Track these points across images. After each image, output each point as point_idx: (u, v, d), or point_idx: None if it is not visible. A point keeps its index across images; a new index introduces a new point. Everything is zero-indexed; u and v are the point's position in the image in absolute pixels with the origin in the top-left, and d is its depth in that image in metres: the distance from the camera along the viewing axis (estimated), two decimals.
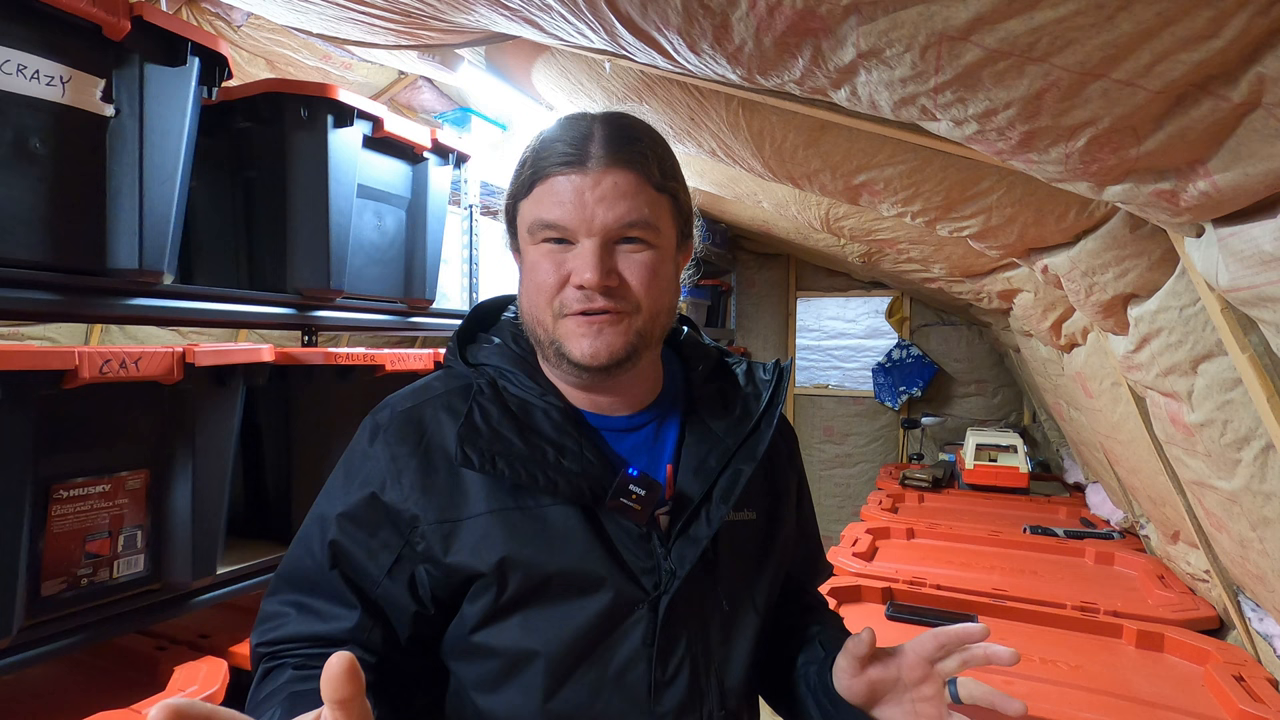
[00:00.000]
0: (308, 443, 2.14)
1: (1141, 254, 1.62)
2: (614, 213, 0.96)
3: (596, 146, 0.97)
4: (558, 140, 0.99)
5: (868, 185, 2.14)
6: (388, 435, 1.02)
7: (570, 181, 0.96)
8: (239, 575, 1.95)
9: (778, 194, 3.23)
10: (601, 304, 0.96)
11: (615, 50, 1.44)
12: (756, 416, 1.11)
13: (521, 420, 1.01)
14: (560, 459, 0.98)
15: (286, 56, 3.02)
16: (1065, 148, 1.05)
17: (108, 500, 1.62)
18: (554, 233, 0.98)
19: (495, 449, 0.96)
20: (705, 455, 1.06)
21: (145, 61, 1.65)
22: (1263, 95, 0.83)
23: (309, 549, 1.01)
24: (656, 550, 0.99)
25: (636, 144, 1.00)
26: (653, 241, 1.00)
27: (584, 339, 0.97)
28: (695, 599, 1.01)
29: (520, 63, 2.47)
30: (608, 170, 0.96)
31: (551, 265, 0.98)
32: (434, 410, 1.04)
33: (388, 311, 2.53)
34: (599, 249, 0.96)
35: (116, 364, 1.54)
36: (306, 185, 2.15)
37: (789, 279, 6.05)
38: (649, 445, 1.08)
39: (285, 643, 0.98)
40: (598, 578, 0.96)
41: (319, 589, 0.99)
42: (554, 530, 0.97)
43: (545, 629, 0.96)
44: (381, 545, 0.98)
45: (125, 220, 1.65)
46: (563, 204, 0.96)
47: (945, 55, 0.94)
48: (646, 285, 0.99)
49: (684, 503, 1.02)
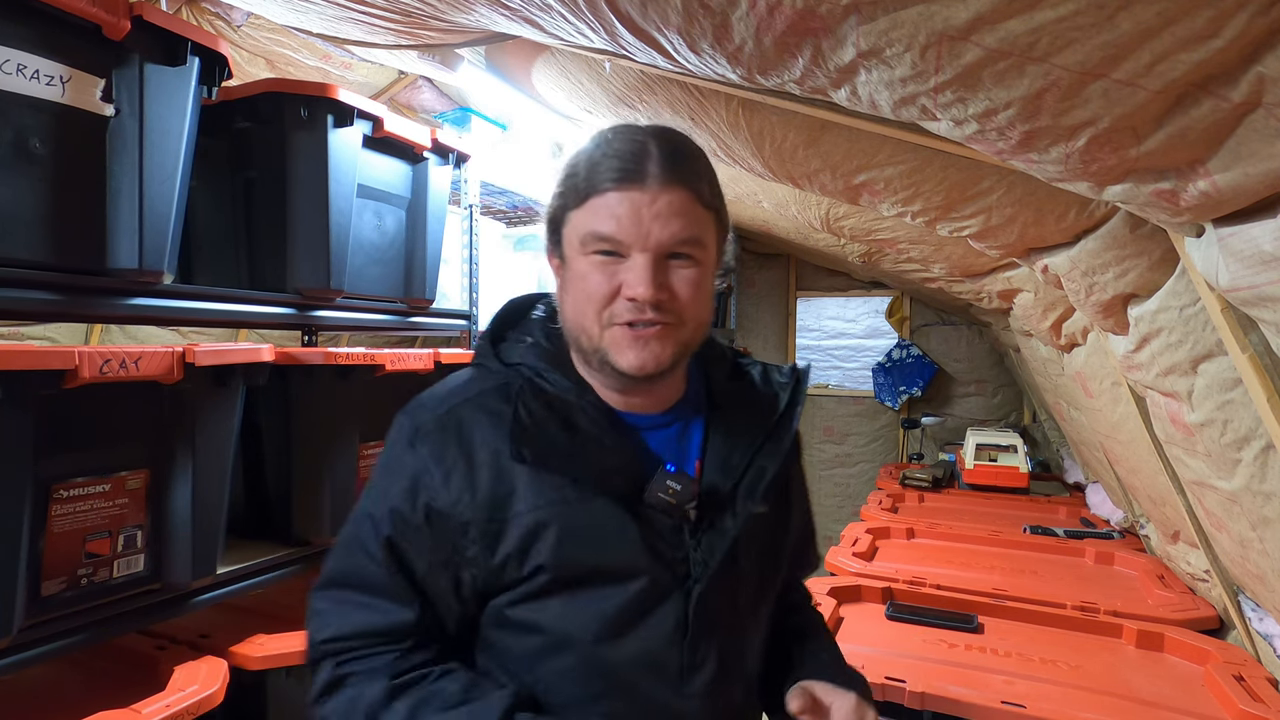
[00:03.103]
0: (308, 442, 2.13)
1: (1141, 254, 1.62)
2: (669, 230, 0.99)
3: (654, 165, 0.99)
4: (614, 155, 1.01)
5: (868, 185, 2.14)
6: (430, 438, 1.04)
7: (628, 197, 0.99)
8: (239, 575, 1.96)
9: (778, 194, 3.22)
10: (651, 316, 0.99)
11: (615, 50, 1.44)
12: (777, 417, 1.15)
13: (563, 418, 1.04)
14: (602, 455, 1.03)
15: (286, 56, 3.01)
16: (1065, 147, 1.05)
17: (108, 500, 1.62)
18: (608, 245, 1.00)
19: (548, 446, 1.01)
20: (730, 453, 1.10)
21: (145, 61, 1.66)
22: (1263, 95, 0.83)
23: (362, 547, 1.04)
24: (687, 542, 1.03)
25: (691, 163, 1.04)
26: (700, 258, 1.03)
27: (630, 350, 1.01)
28: (724, 588, 1.05)
29: (520, 62, 2.46)
30: (665, 188, 0.99)
31: (603, 277, 1.00)
32: (472, 410, 1.06)
33: (388, 311, 2.54)
34: (653, 264, 0.99)
35: (116, 364, 1.54)
36: (306, 185, 2.14)
37: (789, 279, 6.04)
38: (676, 442, 1.12)
39: (348, 639, 1.01)
40: (636, 567, 1.00)
41: (375, 586, 1.03)
42: (598, 523, 1.01)
43: (585, 612, 1.00)
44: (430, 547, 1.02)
45: (125, 220, 1.65)
46: (619, 218, 0.99)
47: (945, 55, 0.94)
48: (693, 300, 1.02)
49: (712, 498, 1.06)
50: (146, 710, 1.58)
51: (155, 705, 1.59)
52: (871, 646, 2.09)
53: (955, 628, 2.21)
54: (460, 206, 3.00)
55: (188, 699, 1.64)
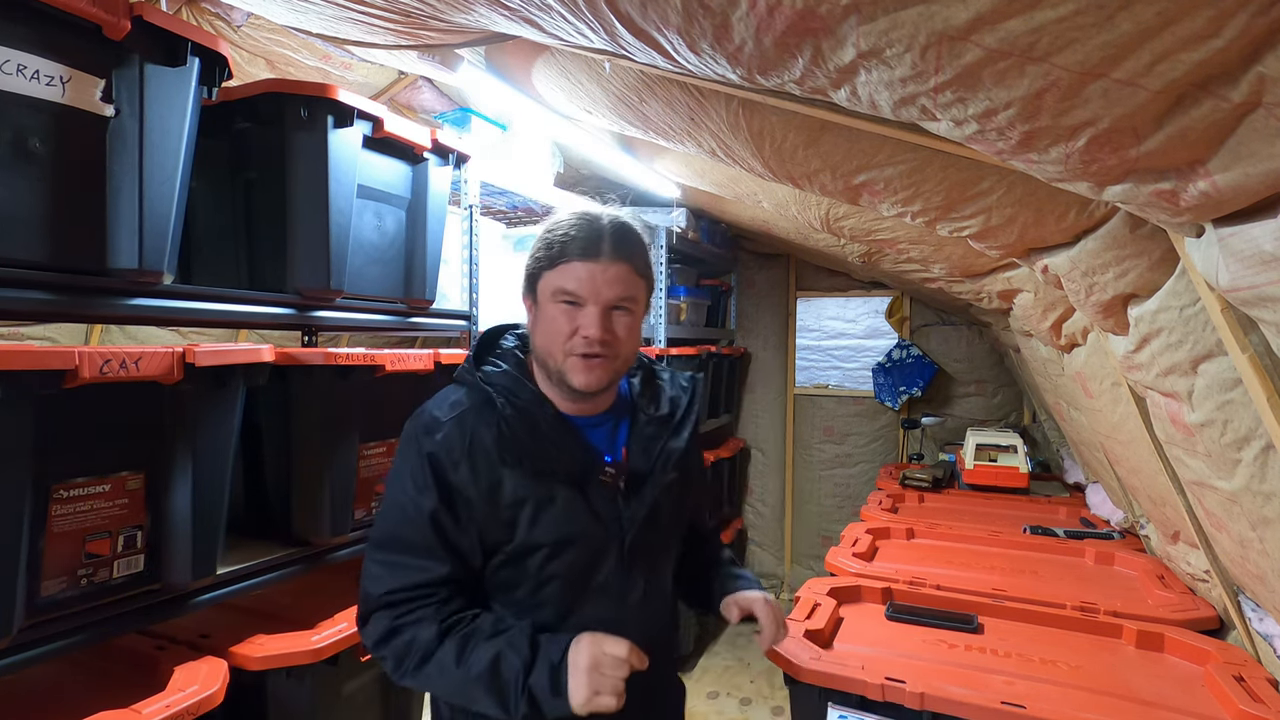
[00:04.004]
0: (308, 443, 2.14)
1: (1141, 254, 1.62)
2: (614, 291, 1.42)
3: (607, 245, 1.42)
4: (580, 236, 1.43)
5: (868, 185, 2.14)
6: (448, 439, 1.42)
7: (587, 267, 1.41)
8: (239, 575, 1.96)
9: (778, 194, 3.23)
10: (598, 350, 1.41)
11: (615, 50, 1.45)
12: (681, 413, 1.63)
13: (531, 427, 1.44)
14: (559, 454, 1.45)
15: (286, 56, 3.01)
16: (1065, 148, 1.05)
17: (108, 500, 1.63)
18: (571, 297, 1.42)
19: (522, 451, 1.42)
20: (647, 442, 1.56)
21: (145, 61, 1.66)
22: (1263, 95, 0.83)
23: (405, 518, 1.42)
24: (620, 507, 1.49)
25: (632, 245, 1.47)
26: (634, 310, 1.47)
27: (582, 374, 1.43)
28: (646, 536, 1.52)
29: (520, 63, 2.46)
30: (613, 262, 1.42)
31: (566, 320, 1.42)
32: (471, 418, 1.45)
33: (387, 312, 2.53)
34: (601, 314, 1.42)
35: (117, 364, 1.54)
36: (306, 185, 2.14)
37: (789, 279, 6.04)
38: (610, 436, 1.56)
39: (400, 591, 1.39)
40: (586, 528, 1.45)
41: (418, 547, 1.41)
42: (562, 503, 1.43)
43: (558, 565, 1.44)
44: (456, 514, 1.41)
45: (125, 220, 1.65)
46: (580, 280, 1.41)
47: (945, 55, 0.94)
48: (627, 339, 1.47)
49: (635, 475, 1.52)
50: (146, 710, 1.59)
51: (155, 705, 1.61)
52: (871, 647, 2.10)
53: (955, 628, 2.21)
54: (460, 207, 2.99)
55: (188, 699, 1.65)
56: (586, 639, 1.32)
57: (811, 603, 2.29)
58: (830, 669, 1.91)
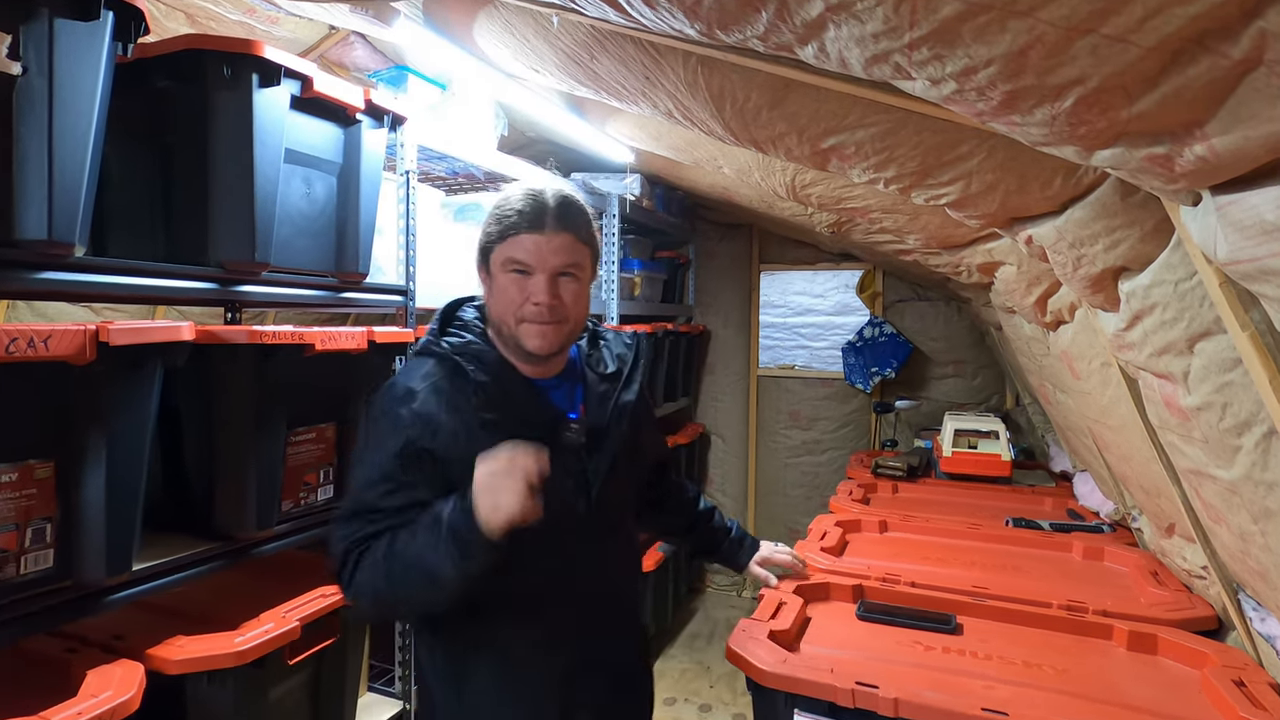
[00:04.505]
0: (231, 428, 2.17)
1: (1133, 224, 1.63)
2: (559, 259, 1.68)
3: (550, 218, 1.67)
4: (527, 210, 1.67)
5: (837, 149, 2.14)
6: (423, 405, 1.65)
7: (533, 238, 1.66)
8: (156, 572, 1.99)
9: (740, 159, 3.22)
10: (548, 316, 1.67)
11: (563, 3, 1.43)
12: (628, 369, 1.91)
13: (502, 389, 1.70)
14: (527, 414, 1.71)
15: (207, 10, 2.93)
16: (1051, 109, 1.05)
17: (14, 491, 1.65)
18: (520, 266, 1.67)
19: (498, 412, 1.66)
20: (601, 399, 1.83)
21: (55, 15, 1.64)
22: (1264, 52, 0.83)
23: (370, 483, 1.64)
24: (585, 459, 1.75)
25: (575, 215, 1.72)
26: (580, 276, 1.73)
27: (535, 338, 1.68)
28: (609, 484, 1.78)
29: (461, 17, 2.43)
30: (557, 233, 1.67)
31: (517, 289, 1.68)
32: (442, 383, 1.68)
33: (317, 286, 2.55)
34: (549, 281, 1.67)
35: (24, 343, 1.56)
36: (229, 150, 2.15)
37: (752, 251, 6.06)
38: (568, 395, 1.83)
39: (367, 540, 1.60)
40: (560, 483, 1.64)
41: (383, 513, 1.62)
42: None
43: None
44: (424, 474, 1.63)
45: (33, 188, 1.63)
46: (528, 251, 1.67)
47: (921, 8, 0.93)
48: (575, 304, 1.72)
49: (595, 430, 1.78)
50: (56, 718, 1.60)
51: (66, 713, 1.63)
52: (841, 649, 2.11)
53: (932, 629, 2.23)
54: (396, 173, 3.01)
55: (101, 705, 1.67)
56: (482, 461, 1.51)
57: (776, 601, 2.29)
58: (796, 673, 1.91)
